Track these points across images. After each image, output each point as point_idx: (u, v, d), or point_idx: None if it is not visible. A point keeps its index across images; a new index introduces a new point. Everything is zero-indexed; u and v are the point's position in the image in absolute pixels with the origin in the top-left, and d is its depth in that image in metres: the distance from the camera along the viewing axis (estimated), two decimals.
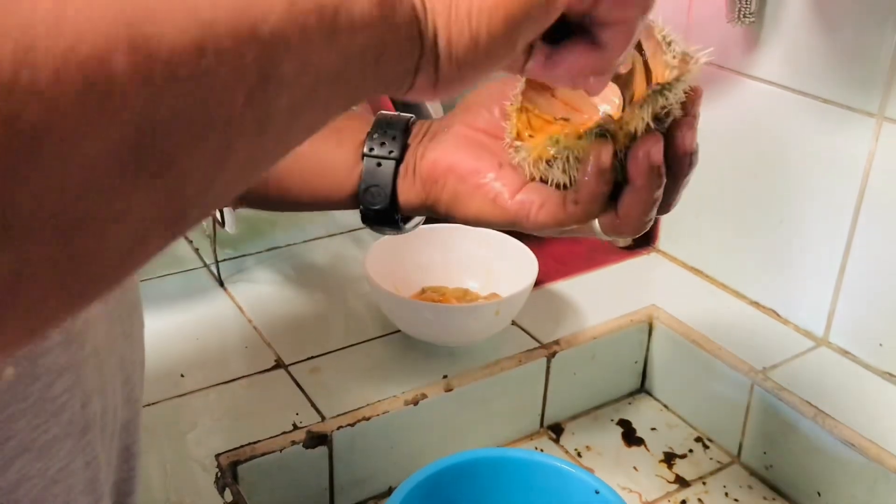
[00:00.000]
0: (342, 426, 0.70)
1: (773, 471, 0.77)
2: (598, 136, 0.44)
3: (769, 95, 0.81)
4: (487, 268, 0.85)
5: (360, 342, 0.81)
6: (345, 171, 0.55)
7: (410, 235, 0.84)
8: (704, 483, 0.78)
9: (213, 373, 0.75)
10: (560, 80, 0.37)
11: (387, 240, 0.82)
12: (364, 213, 0.55)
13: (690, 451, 0.82)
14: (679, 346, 0.85)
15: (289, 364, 0.77)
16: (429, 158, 0.52)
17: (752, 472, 0.79)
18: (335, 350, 0.79)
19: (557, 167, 0.46)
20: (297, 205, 0.58)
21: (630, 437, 0.84)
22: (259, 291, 0.89)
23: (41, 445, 0.35)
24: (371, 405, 0.72)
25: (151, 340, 0.51)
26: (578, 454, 0.81)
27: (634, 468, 0.80)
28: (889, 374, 0.78)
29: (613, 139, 0.44)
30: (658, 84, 0.43)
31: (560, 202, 0.47)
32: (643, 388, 0.90)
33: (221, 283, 0.90)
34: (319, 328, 0.83)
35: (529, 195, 0.48)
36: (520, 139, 0.48)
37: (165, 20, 0.21)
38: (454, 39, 0.30)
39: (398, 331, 0.81)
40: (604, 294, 0.90)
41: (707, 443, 0.83)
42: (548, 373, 0.81)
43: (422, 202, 0.53)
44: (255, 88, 0.24)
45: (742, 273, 0.89)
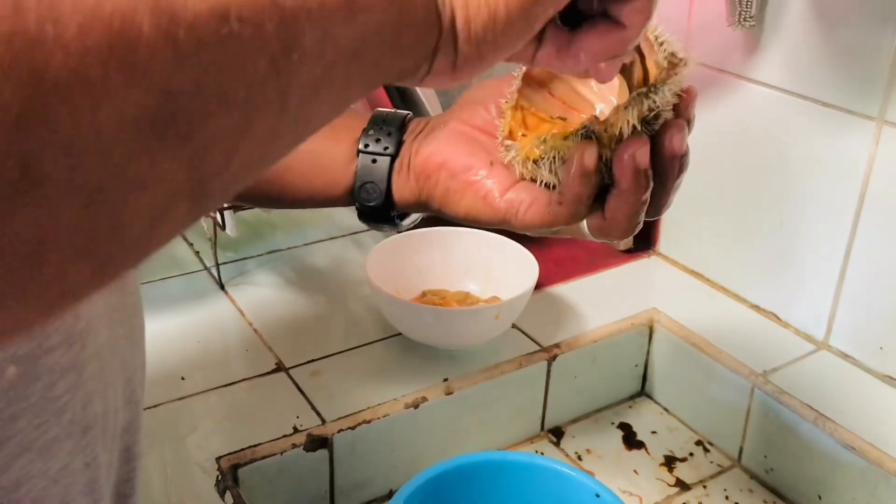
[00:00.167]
0: (343, 429, 0.70)
1: (774, 474, 0.77)
2: (584, 138, 0.44)
3: (769, 99, 0.81)
4: (488, 271, 0.85)
5: (361, 345, 0.81)
6: (341, 168, 0.55)
7: (411, 238, 0.84)
8: (705, 486, 0.78)
9: (214, 376, 0.75)
10: (572, 67, 0.37)
11: (387, 243, 0.82)
12: (360, 210, 0.55)
13: (691, 455, 0.82)
14: (679, 350, 0.85)
15: (289, 367, 0.77)
16: (423, 154, 0.52)
17: (753, 476, 0.79)
18: (336, 353, 0.79)
19: (545, 167, 0.45)
20: (296, 202, 0.59)
21: (630, 441, 0.84)
22: (260, 294, 0.89)
23: (42, 445, 0.35)
24: (371, 408, 0.72)
25: (152, 343, 0.51)
26: (579, 457, 0.81)
27: (635, 471, 0.79)
28: (890, 378, 0.78)
29: (599, 141, 0.43)
30: (644, 86, 0.43)
31: (548, 202, 0.46)
32: (643, 392, 0.90)
33: (222, 286, 0.90)
34: (320, 331, 0.83)
35: (519, 194, 0.48)
36: (512, 138, 0.48)
37: None
38: (472, 17, 0.30)
39: (399, 334, 0.81)
40: (604, 297, 0.90)
41: (707, 446, 0.83)
42: (548, 376, 0.81)
43: (416, 198, 0.53)
44: (278, 58, 0.24)
45: (742, 276, 0.89)
